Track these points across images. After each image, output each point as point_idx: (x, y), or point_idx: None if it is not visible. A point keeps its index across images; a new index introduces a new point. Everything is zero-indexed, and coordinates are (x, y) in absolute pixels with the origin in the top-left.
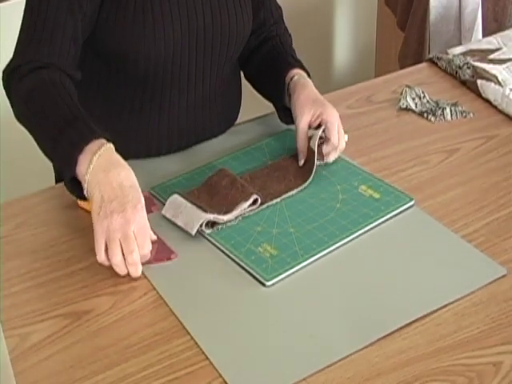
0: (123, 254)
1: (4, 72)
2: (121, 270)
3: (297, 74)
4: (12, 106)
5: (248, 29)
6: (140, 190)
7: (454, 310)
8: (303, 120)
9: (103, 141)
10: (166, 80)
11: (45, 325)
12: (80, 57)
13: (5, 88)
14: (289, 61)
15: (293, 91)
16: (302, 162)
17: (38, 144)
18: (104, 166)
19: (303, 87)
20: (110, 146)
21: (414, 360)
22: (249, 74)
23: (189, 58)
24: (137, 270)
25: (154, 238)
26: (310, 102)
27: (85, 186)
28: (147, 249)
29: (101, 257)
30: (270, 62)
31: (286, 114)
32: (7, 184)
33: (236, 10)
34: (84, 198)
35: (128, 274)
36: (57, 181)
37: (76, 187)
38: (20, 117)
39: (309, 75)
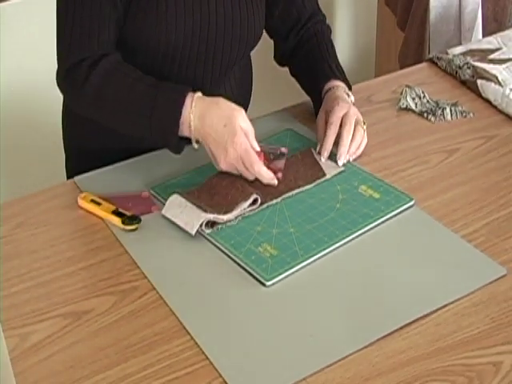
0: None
1: (60, 72)
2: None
3: (332, 86)
4: (78, 104)
5: (260, 31)
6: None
7: (454, 310)
8: (320, 112)
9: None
10: (172, 73)
11: (45, 325)
12: None
13: (64, 88)
14: (325, 71)
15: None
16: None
17: (126, 124)
18: (200, 110)
19: (333, 94)
20: (197, 95)
21: (414, 360)
22: (292, 75)
23: (197, 53)
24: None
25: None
26: (331, 101)
27: (193, 134)
28: (256, 162)
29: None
30: (308, 71)
31: None
32: (7, 184)
33: (248, 12)
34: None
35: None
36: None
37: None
38: (96, 110)
39: (347, 83)
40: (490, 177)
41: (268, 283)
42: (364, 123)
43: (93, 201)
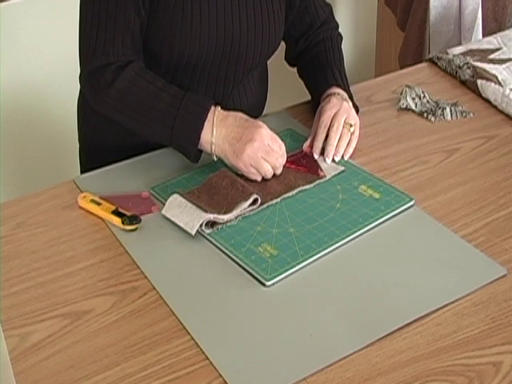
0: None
1: (83, 73)
2: (270, 175)
3: (332, 93)
4: (101, 106)
5: (279, 38)
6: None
7: (454, 310)
8: (316, 113)
9: (213, 107)
10: (193, 77)
11: (45, 325)
12: None
13: (87, 89)
14: (327, 77)
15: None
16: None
17: (148, 130)
18: (223, 124)
19: (332, 99)
20: (218, 108)
21: (414, 360)
22: (299, 76)
23: (220, 61)
24: (281, 169)
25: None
26: (326, 103)
27: (213, 147)
28: (283, 146)
29: (259, 179)
30: (312, 75)
31: None
32: (7, 184)
33: (269, 24)
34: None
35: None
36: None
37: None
38: (118, 114)
39: (348, 91)
40: (490, 177)
41: (268, 283)
42: (351, 126)
43: (93, 201)
